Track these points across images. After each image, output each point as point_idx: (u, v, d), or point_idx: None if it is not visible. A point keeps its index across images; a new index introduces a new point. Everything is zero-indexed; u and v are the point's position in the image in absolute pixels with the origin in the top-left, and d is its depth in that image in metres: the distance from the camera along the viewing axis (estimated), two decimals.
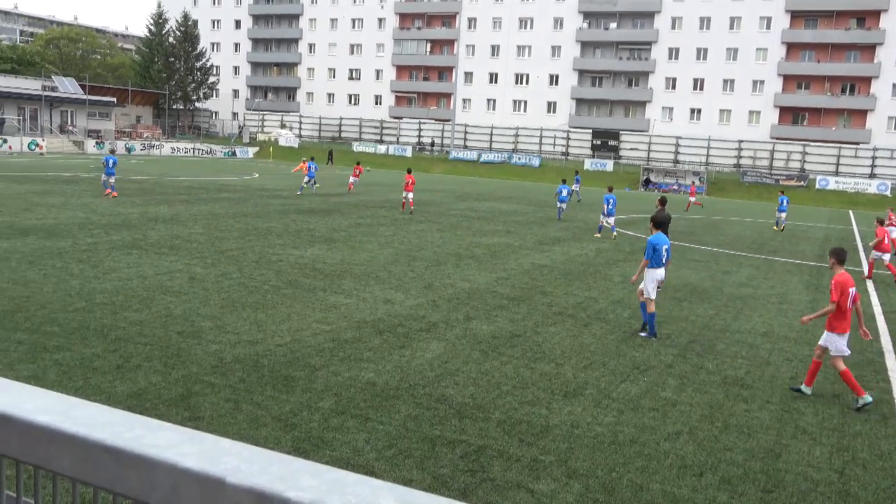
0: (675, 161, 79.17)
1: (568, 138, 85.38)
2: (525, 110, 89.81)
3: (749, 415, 8.74)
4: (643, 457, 7.23)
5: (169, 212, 24.65)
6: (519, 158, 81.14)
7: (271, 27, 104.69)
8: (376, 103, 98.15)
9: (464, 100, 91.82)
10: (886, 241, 20.64)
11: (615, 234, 26.63)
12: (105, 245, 17.13)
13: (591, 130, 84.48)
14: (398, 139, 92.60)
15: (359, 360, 9.62)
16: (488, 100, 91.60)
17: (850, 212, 54.86)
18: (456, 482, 6.36)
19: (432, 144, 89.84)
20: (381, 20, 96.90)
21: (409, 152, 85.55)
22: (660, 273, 12.21)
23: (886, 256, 20.75)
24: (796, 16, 77.70)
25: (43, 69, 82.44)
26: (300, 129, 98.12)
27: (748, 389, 9.72)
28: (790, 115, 79.45)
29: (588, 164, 77.73)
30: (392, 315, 12.30)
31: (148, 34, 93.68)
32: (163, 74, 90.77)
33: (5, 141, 60.37)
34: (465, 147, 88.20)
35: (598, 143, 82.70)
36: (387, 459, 6.70)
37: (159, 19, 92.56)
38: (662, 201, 18.07)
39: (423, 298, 13.84)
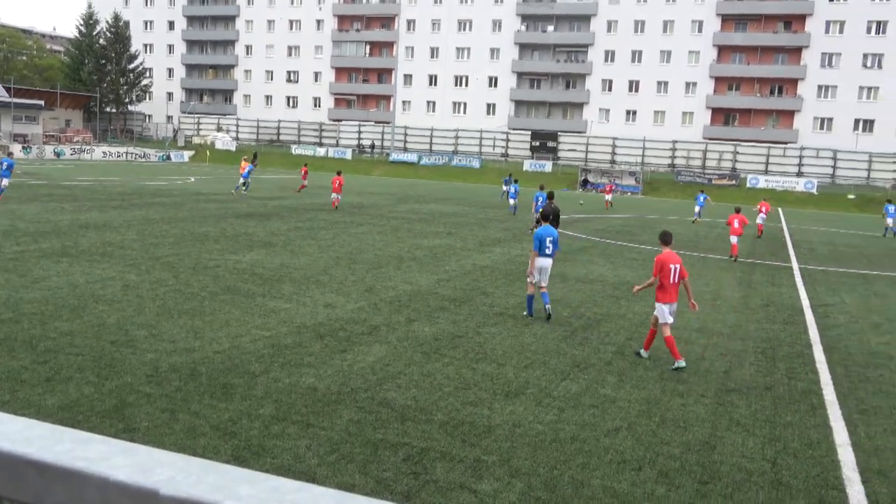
0: (612, 161, 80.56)
1: (507, 140, 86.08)
2: (465, 112, 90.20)
3: (685, 409, 8.96)
4: (583, 453, 7.34)
5: (101, 218, 23.99)
6: (459, 160, 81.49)
7: (206, 29, 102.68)
8: (315, 106, 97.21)
9: (403, 102, 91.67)
10: (737, 226, 23.83)
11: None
12: (33, 253, 16.58)
13: (529, 132, 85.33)
14: (338, 142, 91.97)
15: (299, 366, 9.52)
16: (428, 102, 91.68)
17: (780, 209, 56.63)
18: (399, 485, 6.36)
19: (372, 147, 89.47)
20: (319, 22, 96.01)
21: (349, 155, 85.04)
22: (544, 262, 13.20)
23: (734, 238, 24.00)
24: (727, 19, 79.97)
25: None
26: (237, 132, 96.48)
27: (684, 384, 9.97)
28: (722, 115, 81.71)
29: (527, 166, 78.55)
30: (333, 319, 12.21)
31: (77, 35, 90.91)
32: (93, 76, 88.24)
33: None
34: (406, 149, 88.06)
35: (537, 144, 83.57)
36: (329, 465, 6.66)
37: (89, 20, 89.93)
38: (549, 196, 19.65)
39: (365, 302, 13.78)
